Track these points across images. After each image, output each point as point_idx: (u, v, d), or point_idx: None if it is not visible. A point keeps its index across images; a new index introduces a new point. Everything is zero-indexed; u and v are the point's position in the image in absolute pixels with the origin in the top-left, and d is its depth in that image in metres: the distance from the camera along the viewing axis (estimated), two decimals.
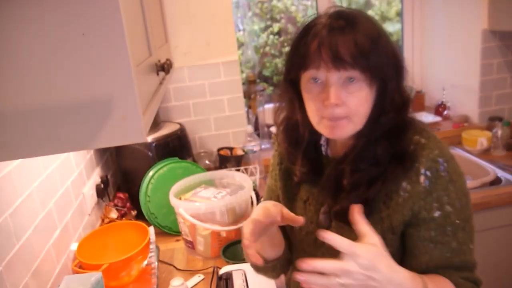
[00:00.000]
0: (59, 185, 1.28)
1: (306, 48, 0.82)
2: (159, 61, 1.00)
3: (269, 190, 1.11)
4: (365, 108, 0.83)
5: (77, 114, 0.64)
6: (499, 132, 2.02)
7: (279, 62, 2.88)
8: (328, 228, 0.90)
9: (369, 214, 0.82)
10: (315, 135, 0.95)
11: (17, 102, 0.62)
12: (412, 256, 0.88)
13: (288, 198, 1.02)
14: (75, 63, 0.62)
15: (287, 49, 0.92)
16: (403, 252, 0.90)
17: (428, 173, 0.83)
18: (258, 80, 2.26)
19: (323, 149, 0.97)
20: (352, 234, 0.83)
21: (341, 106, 0.81)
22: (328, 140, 0.97)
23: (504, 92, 2.19)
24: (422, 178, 0.83)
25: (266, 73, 2.85)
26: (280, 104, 0.98)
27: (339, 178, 0.89)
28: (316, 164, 0.96)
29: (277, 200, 1.05)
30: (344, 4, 2.78)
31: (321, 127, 0.86)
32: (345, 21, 0.80)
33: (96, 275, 0.91)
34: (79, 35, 0.60)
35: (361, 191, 0.85)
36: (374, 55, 0.79)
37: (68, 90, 0.63)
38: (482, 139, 2.04)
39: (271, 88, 2.78)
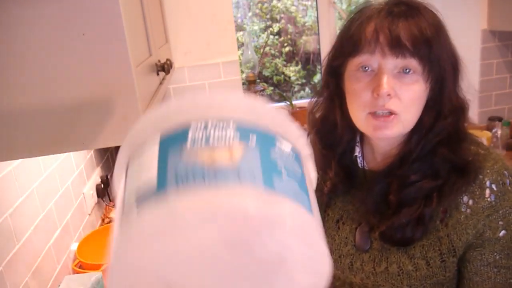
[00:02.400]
0: (59, 185, 1.28)
1: (360, 31, 0.73)
2: (159, 61, 1.00)
3: None
4: (418, 106, 0.74)
5: (77, 114, 0.64)
6: (499, 132, 2.02)
7: (279, 62, 2.88)
8: (368, 249, 0.82)
9: (424, 235, 0.75)
10: (352, 142, 0.86)
11: (17, 102, 0.62)
12: (471, 284, 0.77)
13: None
14: (75, 63, 0.62)
15: (287, 49, 0.85)
16: (458, 280, 0.80)
17: (494, 186, 0.73)
18: (258, 80, 2.26)
19: (358, 161, 0.86)
20: (399, 256, 0.77)
21: (393, 98, 0.71)
22: (363, 152, 0.87)
23: (503, 92, 2.19)
24: (487, 192, 0.73)
25: (266, 73, 2.85)
26: (317, 101, 0.87)
27: (385, 193, 0.78)
28: (351, 175, 0.86)
29: None
30: (344, 5, 2.78)
31: (366, 125, 0.76)
32: (407, 7, 0.72)
33: (96, 275, 0.91)
34: (79, 35, 0.61)
35: (414, 208, 0.74)
36: (437, 45, 0.71)
37: (68, 90, 0.63)
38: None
39: (271, 88, 2.78)
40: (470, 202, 0.74)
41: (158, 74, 0.96)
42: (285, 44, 2.86)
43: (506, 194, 0.73)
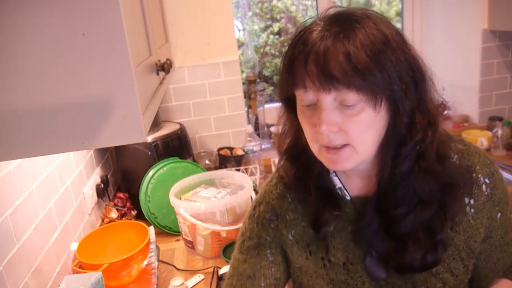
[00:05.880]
0: (59, 185, 1.28)
1: (293, 62, 0.67)
2: (159, 61, 1.00)
3: (259, 275, 0.82)
4: (371, 135, 0.67)
5: (77, 114, 0.64)
6: (499, 132, 2.01)
7: (279, 62, 2.88)
8: (386, 277, 0.76)
9: (444, 252, 0.73)
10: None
11: (17, 102, 0.62)
12: (487, 270, 0.79)
13: (317, 270, 0.80)
14: (75, 63, 0.62)
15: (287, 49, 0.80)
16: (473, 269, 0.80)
17: (487, 180, 0.75)
18: (258, 80, 2.26)
19: (345, 193, 0.79)
20: (424, 277, 0.75)
21: (339, 132, 0.66)
22: (341, 181, 0.80)
23: (504, 92, 2.19)
24: (484, 188, 0.74)
25: (266, 73, 2.85)
26: (283, 130, 0.81)
27: (382, 223, 0.73)
28: (335, 201, 0.78)
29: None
30: (344, 5, 2.78)
31: (321, 158, 0.71)
32: (341, 27, 0.64)
33: (96, 275, 0.91)
34: (79, 35, 0.60)
35: (421, 240, 0.70)
36: (375, 70, 0.62)
37: (68, 90, 0.63)
38: (482, 139, 2.03)
39: (271, 88, 2.78)
40: (472, 201, 0.74)
41: (158, 74, 0.96)
42: (285, 44, 2.86)
43: (496, 182, 0.76)
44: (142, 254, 1.25)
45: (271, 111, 2.45)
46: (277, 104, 2.66)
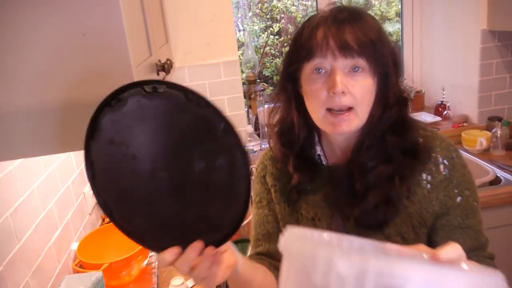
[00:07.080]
0: (60, 184, 1.28)
1: (311, 38, 0.81)
2: (159, 61, 1.01)
3: (265, 222, 0.98)
4: (369, 99, 0.83)
5: (78, 114, 0.64)
6: (499, 132, 2.02)
7: (279, 62, 2.88)
8: None
9: (396, 214, 0.83)
10: (309, 139, 0.93)
11: (18, 102, 0.63)
12: None
13: (290, 221, 0.95)
14: (76, 63, 0.62)
15: (287, 49, 0.88)
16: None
17: (445, 161, 0.85)
18: (258, 80, 2.26)
19: (323, 160, 0.93)
20: (377, 238, 0.79)
21: (347, 95, 0.80)
22: (324, 150, 0.93)
23: (503, 92, 2.19)
24: (441, 167, 0.85)
25: (266, 73, 2.85)
26: (276, 105, 0.95)
27: (351, 183, 0.86)
28: (312, 168, 0.92)
29: (276, 231, 0.97)
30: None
31: (325, 122, 0.83)
32: (349, 13, 0.81)
33: (96, 275, 0.91)
34: (80, 35, 0.61)
35: (379, 191, 0.83)
36: (379, 45, 0.80)
37: (68, 90, 0.63)
38: (481, 139, 2.04)
39: (271, 88, 2.78)
40: (429, 178, 0.85)
41: (158, 74, 0.97)
42: (285, 44, 2.86)
43: (456, 166, 0.86)
44: (143, 254, 1.25)
45: (267, 111, 2.45)
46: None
